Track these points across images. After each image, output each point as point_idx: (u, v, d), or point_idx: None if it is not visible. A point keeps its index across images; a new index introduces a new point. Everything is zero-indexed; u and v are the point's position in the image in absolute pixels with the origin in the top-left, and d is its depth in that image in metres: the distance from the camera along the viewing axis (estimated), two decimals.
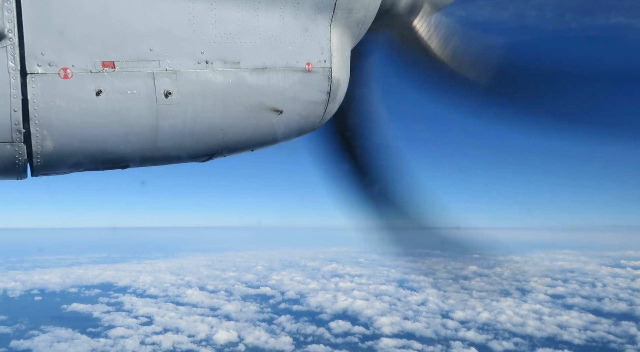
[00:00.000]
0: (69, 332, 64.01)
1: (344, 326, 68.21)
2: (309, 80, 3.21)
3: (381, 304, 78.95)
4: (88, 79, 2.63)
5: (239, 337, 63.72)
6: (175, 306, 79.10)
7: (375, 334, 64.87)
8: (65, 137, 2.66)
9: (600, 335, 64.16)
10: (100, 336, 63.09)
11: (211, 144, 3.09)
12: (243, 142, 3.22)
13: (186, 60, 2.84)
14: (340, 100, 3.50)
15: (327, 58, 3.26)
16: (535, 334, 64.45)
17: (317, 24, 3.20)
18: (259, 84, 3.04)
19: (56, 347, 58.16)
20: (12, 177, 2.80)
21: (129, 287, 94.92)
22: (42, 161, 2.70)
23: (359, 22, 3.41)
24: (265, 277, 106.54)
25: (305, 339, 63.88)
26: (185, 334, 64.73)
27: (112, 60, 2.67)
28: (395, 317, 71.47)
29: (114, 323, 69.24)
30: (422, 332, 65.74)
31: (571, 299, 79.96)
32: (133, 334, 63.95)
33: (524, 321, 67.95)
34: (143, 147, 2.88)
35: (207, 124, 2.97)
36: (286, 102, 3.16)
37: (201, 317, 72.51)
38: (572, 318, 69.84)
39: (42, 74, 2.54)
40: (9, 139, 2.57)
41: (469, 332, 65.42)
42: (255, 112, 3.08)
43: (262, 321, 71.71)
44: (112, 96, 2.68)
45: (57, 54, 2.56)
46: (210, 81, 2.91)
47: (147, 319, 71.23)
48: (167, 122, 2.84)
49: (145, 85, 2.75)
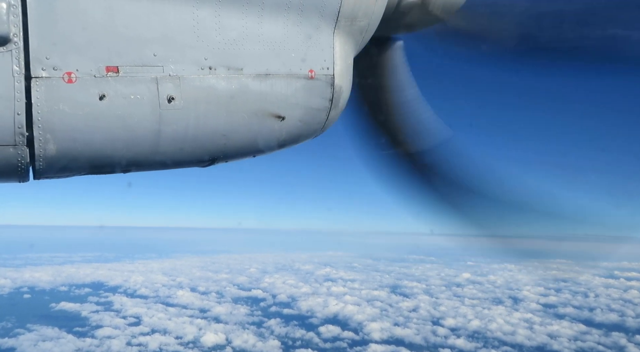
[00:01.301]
0: (55, 331, 63.54)
1: (334, 330, 67.87)
2: (312, 87, 3.25)
3: (372, 309, 78.63)
4: (92, 83, 2.65)
5: (227, 340, 63.29)
6: (165, 307, 78.69)
7: (364, 340, 64.53)
8: (68, 141, 2.68)
9: (590, 345, 63.95)
10: (87, 336, 62.65)
11: (213, 150, 3.11)
12: (245, 148, 3.25)
13: (190, 66, 2.87)
14: (343, 107, 3.52)
15: (329, 65, 3.29)
16: (525, 343, 64.21)
17: (321, 32, 3.23)
18: (261, 91, 3.08)
19: (40, 347, 57.65)
20: (15, 180, 2.82)
21: (119, 287, 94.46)
22: (44, 164, 2.73)
23: (362, 30, 3.44)
24: (257, 280, 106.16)
25: (294, 344, 63.49)
26: (172, 335, 64.33)
27: (116, 65, 2.69)
28: (385, 323, 71.17)
29: (102, 323, 68.81)
30: (412, 338, 65.42)
31: (563, 309, 79.81)
32: (120, 335, 63.52)
33: (514, 330, 67.69)
34: (145, 152, 2.90)
35: (210, 130, 2.99)
36: (288, 108, 3.18)
37: (190, 318, 72.10)
38: (563, 328, 69.64)
39: (46, 78, 2.57)
40: (12, 142, 2.58)
41: (458, 339, 65.13)
42: (258, 118, 3.10)
43: (252, 324, 71.32)
44: (116, 101, 2.70)
45: (62, 58, 2.59)
46: (214, 87, 2.94)
47: (136, 320, 70.81)
48: (170, 127, 2.86)
49: (149, 90, 2.77)
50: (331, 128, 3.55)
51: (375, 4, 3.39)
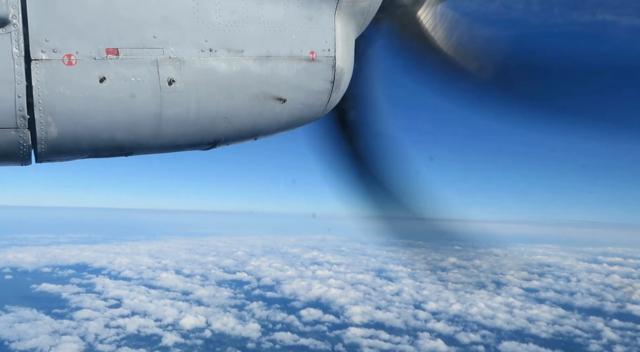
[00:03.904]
0: (33, 312, 63.11)
1: (315, 314, 68.07)
2: (313, 69, 3.22)
3: (356, 293, 78.96)
4: (92, 66, 2.63)
5: (207, 322, 63.25)
6: (147, 289, 78.43)
7: (345, 323, 64.78)
8: (69, 124, 2.67)
9: (567, 329, 64.72)
10: (65, 318, 62.29)
11: (214, 132, 3.09)
12: (246, 131, 3.22)
13: (190, 48, 2.85)
14: (344, 89, 3.52)
15: (331, 47, 3.26)
16: (504, 327, 64.80)
17: (322, 13, 3.21)
18: (262, 73, 3.05)
19: (16, 328, 57.18)
20: (17, 163, 2.81)
21: (104, 269, 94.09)
22: (46, 147, 2.72)
23: (364, 11, 3.42)
24: (244, 263, 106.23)
25: (274, 327, 63.61)
26: (152, 318, 64.13)
27: (116, 47, 2.67)
28: (367, 307, 71.49)
29: (82, 305, 68.48)
30: (392, 322, 65.78)
31: (544, 293, 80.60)
32: (99, 317, 63.22)
33: (494, 314, 68.27)
34: (146, 135, 2.88)
35: (211, 112, 2.98)
36: (290, 91, 3.16)
37: (172, 301, 71.95)
38: (542, 312, 70.38)
39: (46, 61, 2.55)
40: (14, 125, 2.57)
41: (438, 323, 65.61)
42: (259, 101, 3.09)
43: (233, 307, 71.34)
44: (116, 83, 2.68)
45: (62, 40, 2.57)
46: (214, 69, 2.91)
47: (117, 302, 70.55)
48: (171, 110, 2.84)
49: (149, 72, 2.75)
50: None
51: None
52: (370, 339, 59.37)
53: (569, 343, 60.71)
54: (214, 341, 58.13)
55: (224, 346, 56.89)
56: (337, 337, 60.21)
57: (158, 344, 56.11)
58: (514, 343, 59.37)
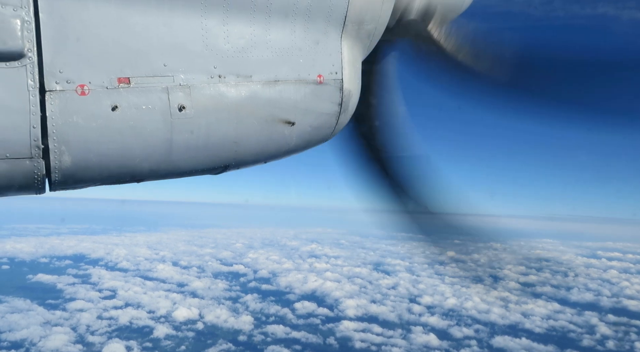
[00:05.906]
0: (26, 303, 63.30)
1: (309, 307, 68.06)
2: (321, 92, 3.27)
3: (351, 286, 78.91)
4: (104, 95, 2.69)
5: (200, 315, 63.30)
6: (143, 281, 78.59)
7: (338, 317, 64.76)
8: (83, 152, 2.71)
9: (561, 324, 64.54)
10: (58, 308, 62.47)
11: (224, 157, 3.13)
12: (256, 155, 3.26)
13: (199, 75, 2.89)
14: (352, 111, 3.57)
15: (338, 70, 3.32)
16: (498, 322, 64.59)
17: (328, 37, 3.26)
18: (271, 97, 3.09)
19: (8, 319, 57.34)
20: (31, 193, 2.85)
21: (101, 260, 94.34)
22: (60, 176, 2.75)
23: (370, 34, 3.48)
24: (241, 255, 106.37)
25: (267, 320, 63.62)
26: (145, 309, 64.24)
27: (128, 76, 2.73)
28: (362, 300, 71.40)
29: (76, 296, 68.65)
30: (386, 316, 65.70)
31: (540, 288, 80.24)
32: (92, 308, 63.34)
33: (489, 308, 68.00)
34: (158, 161, 2.91)
35: (221, 137, 3.01)
36: (298, 114, 3.20)
37: (166, 293, 72.08)
38: (538, 307, 70.07)
39: (60, 91, 2.61)
40: (29, 155, 2.62)
41: (432, 317, 65.45)
42: (268, 125, 3.12)
43: (228, 299, 71.40)
44: (128, 111, 2.73)
45: (75, 71, 2.63)
46: (224, 95, 2.96)
47: (111, 293, 70.72)
48: (181, 136, 2.88)
49: (160, 100, 2.80)
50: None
51: (381, 8, 3.40)
52: (363, 333, 59.29)
53: (563, 338, 60.50)
54: (205, 333, 58.19)
55: (215, 338, 56.92)
56: (330, 331, 60.17)
57: (149, 336, 56.21)
58: (506, 338, 59.18)
